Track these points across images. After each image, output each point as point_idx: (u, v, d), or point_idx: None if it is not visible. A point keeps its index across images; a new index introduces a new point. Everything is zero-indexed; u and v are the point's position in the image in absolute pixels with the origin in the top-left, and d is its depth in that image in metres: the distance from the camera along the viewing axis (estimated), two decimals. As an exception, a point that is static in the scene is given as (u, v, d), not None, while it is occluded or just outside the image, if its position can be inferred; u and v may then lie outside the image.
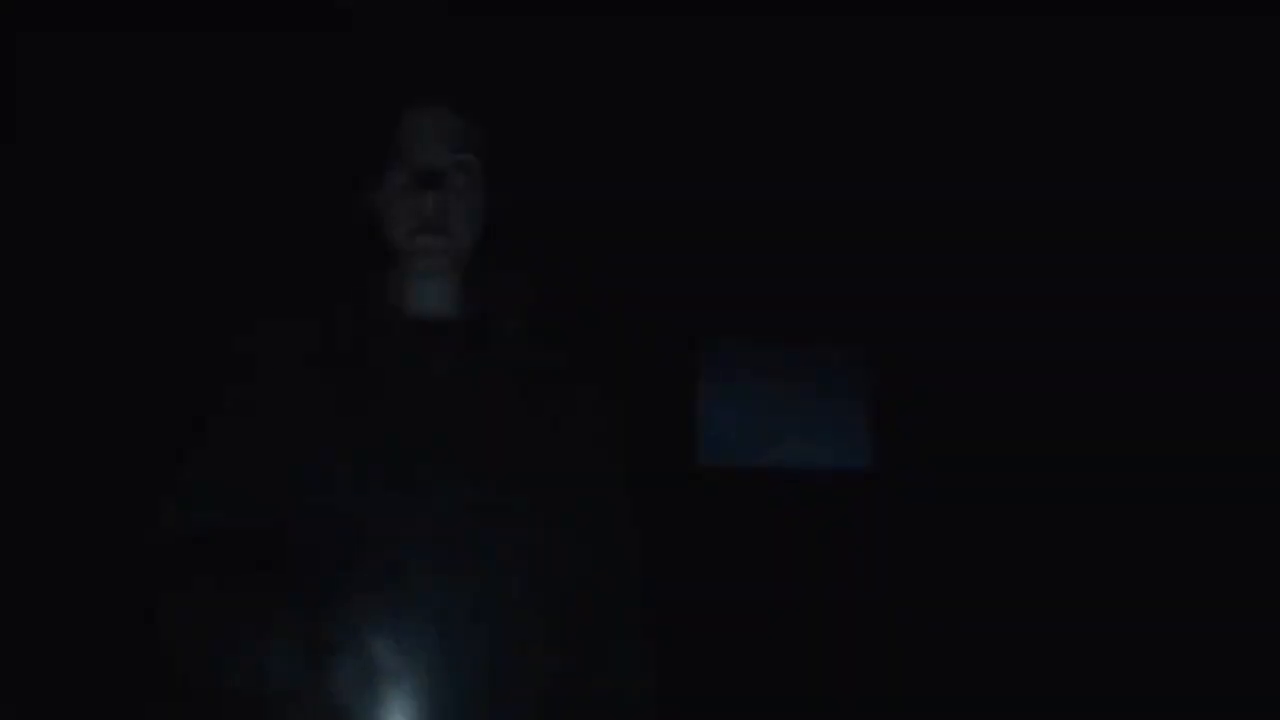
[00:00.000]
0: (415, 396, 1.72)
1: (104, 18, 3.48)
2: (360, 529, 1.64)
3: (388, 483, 1.67)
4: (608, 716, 1.79)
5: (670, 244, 4.13)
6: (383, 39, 1.73)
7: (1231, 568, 3.92)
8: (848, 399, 4.51)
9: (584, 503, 1.79)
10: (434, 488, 1.68)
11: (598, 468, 1.85)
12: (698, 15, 3.69)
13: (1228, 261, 3.91)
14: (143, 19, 3.49)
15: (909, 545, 4.30)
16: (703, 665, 3.39)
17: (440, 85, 1.77)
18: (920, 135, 4.04)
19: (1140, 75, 3.86)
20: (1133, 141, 3.95)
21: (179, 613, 1.66)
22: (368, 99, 1.78)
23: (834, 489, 4.43)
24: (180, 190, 3.55)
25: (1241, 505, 3.96)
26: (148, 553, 1.72)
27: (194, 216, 3.54)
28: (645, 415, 2.95)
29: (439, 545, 1.66)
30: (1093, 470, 4.12)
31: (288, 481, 1.69)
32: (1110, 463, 4.10)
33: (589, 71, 3.78)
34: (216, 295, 1.73)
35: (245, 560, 1.67)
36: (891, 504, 4.36)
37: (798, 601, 4.19)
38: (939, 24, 3.77)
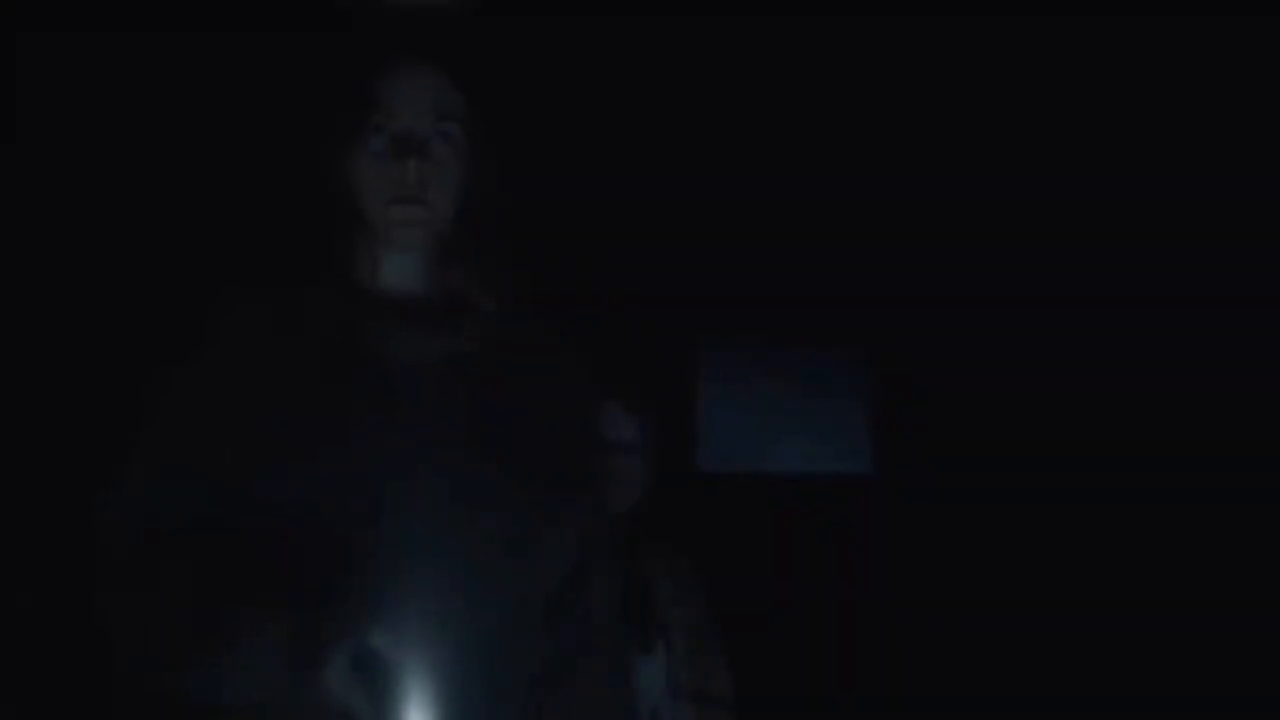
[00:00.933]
0: (387, 377, 1.66)
1: (104, 18, 3.48)
2: (336, 519, 1.58)
3: (363, 469, 1.60)
4: (596, 700, 1.76)
5: (670, 245, 4.13)
6: (381, 35, 1.66)
7: (1231, 568, 3.91)
8: (848, 402, 4.51)
9: (570, 487, 1.74)
10: (412, 473, 1.62)
11: (581, 451, 1.80)
12: (698, 15, 3.68)
13: (1228, 261, 3.90)
14: (143, 19, 3.49)
15: (909, 548, 4.29)
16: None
17: (426, 48, 1.68)
18: (920, 135, 4.03)
19: (1140, 75, 3.85)
20: (1133, 141, 3.95)
21: (145, 615, 1.60)
22: (348, 59, 1.68)
23: (834, 492, 4.42)
24: (180, 190, 3.55)
25: (1241, 505, 3.96)
26: (106, 546, 1.65)
27: (193, 217, 3.54)
28: (644, 418, 2.94)
29: (418, 532, 1.60)
30: (1093, 471, 4.12)
31: (257, 468, 1.61)
32: (1110, 464, 4.10)
33: (589, 72, 3.78)
34: (201, 281, 1.69)
35: (219, 554, 1.60)
36: (892, 507, 4.35)
37: (798, 605, 4.19)
38: (939, 24, 3.76)
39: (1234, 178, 3.85)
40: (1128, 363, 4.08)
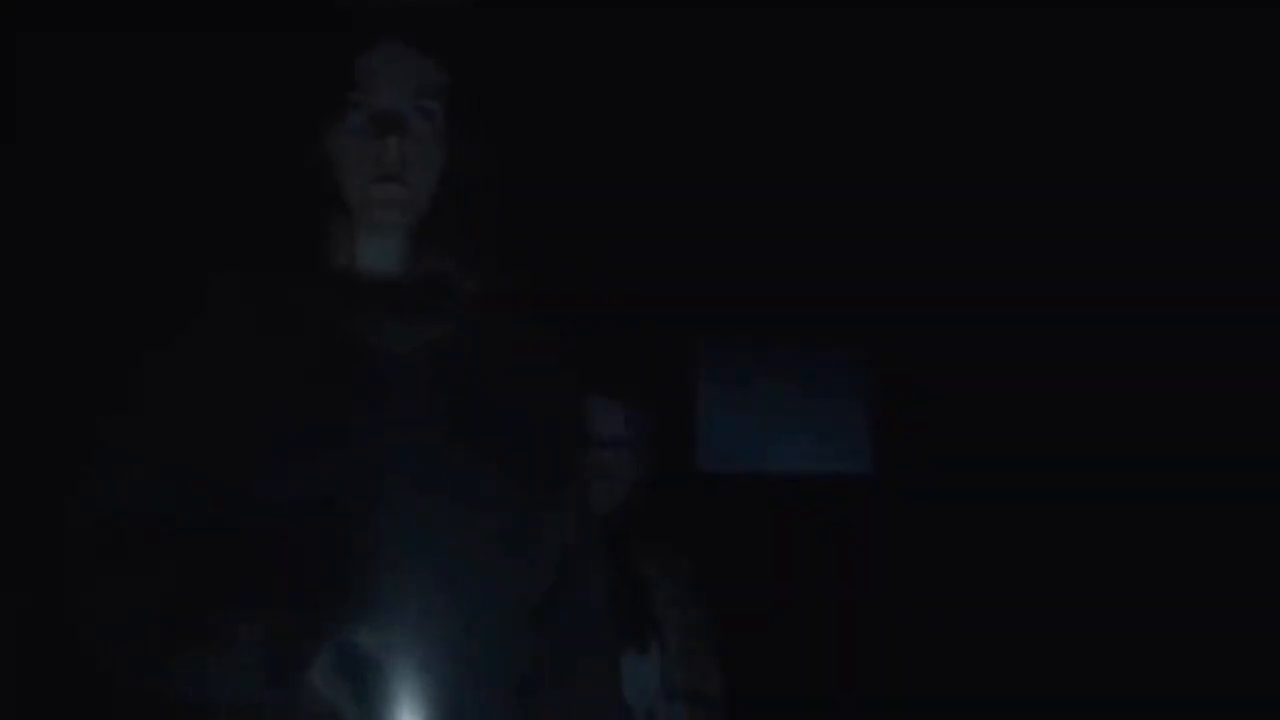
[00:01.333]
0: (369, 365, 1.61)
1: (104, 18, 3.47)
2: (322, 513, 1.54)
3: (350, 461, 1.56)
4: (590, 700, 1.73)
5: (669, 244, 4.12)
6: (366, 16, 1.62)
7: (1232, 568, 3.91)
8: (848, 402, 4.52)
9: (559, 479, 1.72)
10: (400, 465, 1.58)
11: (568, 442, 1.77)
12: (697, 10, 3.68)
13: (1228, 261, 3.90)
14: (143, 19, 3.49)
15: (909, 548, 4.29)
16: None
17: (407, 24, 1.63)
18: (920, 135, 4.03)
19: (1140, 74, 3.86)
20: (1133, 141, 3.95)
21: (121, 613, 1.55)
22: (326, 36, 1.64)
23: (834, 492, 4.42)
24: (179, 190, 3.55)
25: (1241, 505, 3.95)
26: (78, 542, 1.60)
27: (195, 217, 3.54)
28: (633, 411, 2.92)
29: (407, 527, 1.56)
30: (1093, 471, 4.12)
31: (234, 458, 1.56)
32: (1110, 464, 4.10)
33: (587, 71, 3.78)
34: (187, 272, 1.64)
35: (199, 550, 1.56)
36: (892, 507, 4.35)
37: (798, 605, 4.18)
38: (939, 23, 3.77)
39: (1234, 178, 3.85)
40: (1127, 363, 4.08)
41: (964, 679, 4.05)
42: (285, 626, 1.48)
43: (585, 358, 1.85)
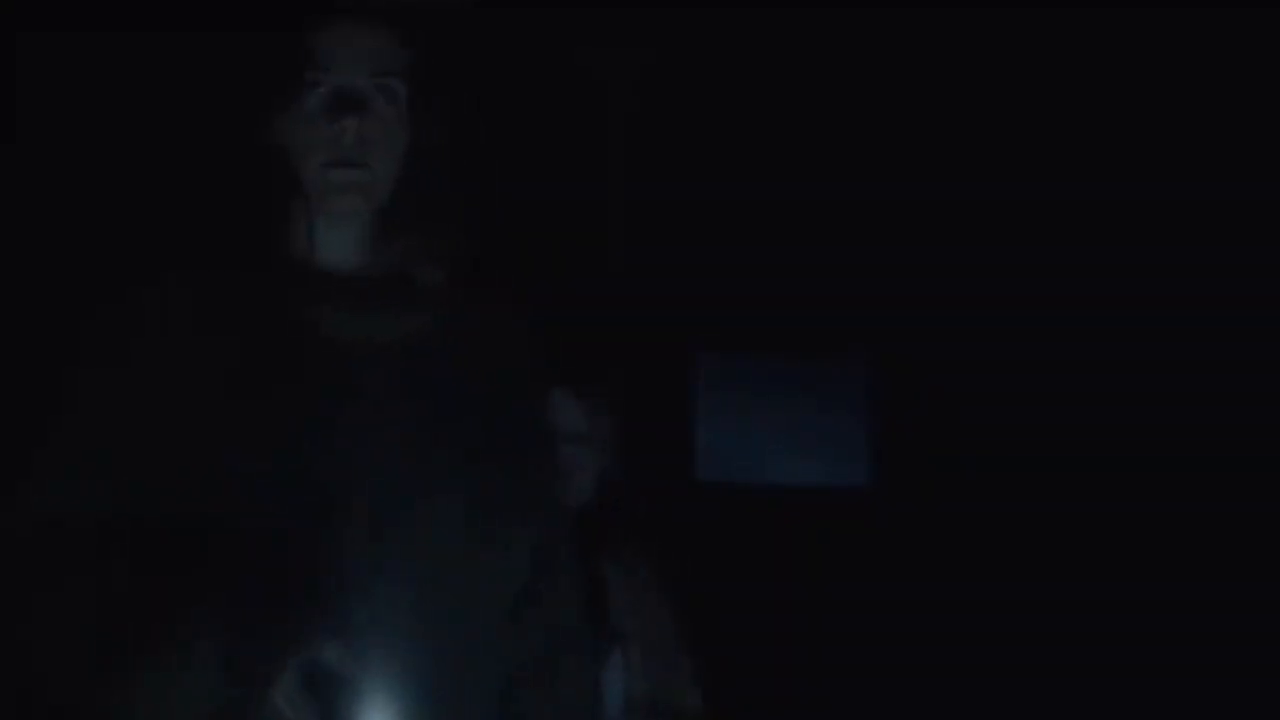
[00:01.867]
0: (331, 361, 1.52)
1: (104, 18, 3.48)
2: (281, 518, 1.44)
3: (310, 462, 1.47)
4: (569, 704, 1.65)
5: (668, 251, 4.12)
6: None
7: (1235, 570, 3.91)
8: (847, 413, 4.51)
9: (531, 476, 1.64)
10: (364, 466, 1.49)
11: (541, 438, 1.70)
12: (699, 10, 3.69)
13: (1228, 261, 3.91)
14: (143, 19, 3.49)
15: (907, 560, 4.28)
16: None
17: (388, 11, 1.53)
18: (920, 137, 4.04)
19: (1141, 75, 3.88)
20: (1133, 141, 3.97)
21: (53, 623, 1.44)
22: (279, 9, 1.56)
23: (832, 504, 4.41)
24: (180, 187, 3.54)
25: (1244, 506, 3.95)
26: (9, 543, 1.48)
27: (195, 218, 3.53)
28: (639, 430, 2.89)
29: (374, 530, 1.48)
30: (1094, 483, 4.11)
31: (191, 459, 1.46)
32: (1112, 474, 4.09)
33: (588, 71, 3.79)
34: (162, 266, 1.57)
35: (144, 558, 1.45)
36: (890, 519, 4.34)
37: (795, 616, 4.17)
38: (939, 23, 3.78)
39: (1234, 178, 3.87)
40: (1127, 365, 4.09)
41: (962, 690, 4.03)
42: (245, 641, 1.37)
43: (573, 359, 1.81)
